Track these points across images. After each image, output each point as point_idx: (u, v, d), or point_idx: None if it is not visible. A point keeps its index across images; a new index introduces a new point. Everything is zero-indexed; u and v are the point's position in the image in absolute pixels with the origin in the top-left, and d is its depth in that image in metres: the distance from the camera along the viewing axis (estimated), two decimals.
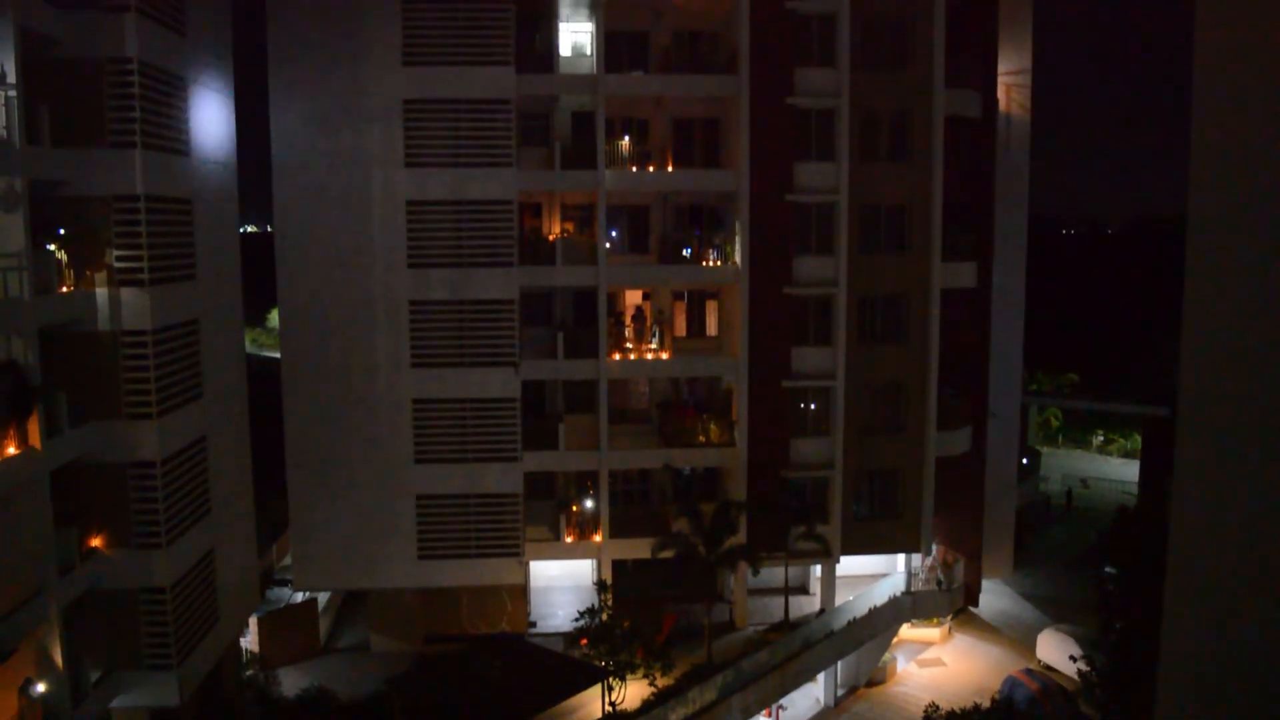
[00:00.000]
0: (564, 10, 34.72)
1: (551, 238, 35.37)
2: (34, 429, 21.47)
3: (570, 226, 36.73)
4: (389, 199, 32.69)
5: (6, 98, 20.88)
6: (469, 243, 32.99)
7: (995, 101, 37.60)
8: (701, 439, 35.19)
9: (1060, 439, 69.26)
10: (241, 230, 33.26)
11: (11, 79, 21.02)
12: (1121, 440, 67.95)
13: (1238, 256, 10.43)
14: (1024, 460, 48.84)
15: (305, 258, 32.80)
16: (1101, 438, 69.17)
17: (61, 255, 23.44)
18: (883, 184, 34.52)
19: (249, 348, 43.56)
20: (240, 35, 32.01)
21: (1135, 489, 53.55)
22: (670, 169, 35.27)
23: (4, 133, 20.83)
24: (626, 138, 35.51)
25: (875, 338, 35.27)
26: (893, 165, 34.63)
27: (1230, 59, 10.45)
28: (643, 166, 34.98)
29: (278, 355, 35.07)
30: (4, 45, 21.03)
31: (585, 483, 35.93)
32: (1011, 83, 39.50)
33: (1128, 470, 60.08)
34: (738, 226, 34.41)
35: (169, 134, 26.02)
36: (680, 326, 37.58)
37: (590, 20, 34.62)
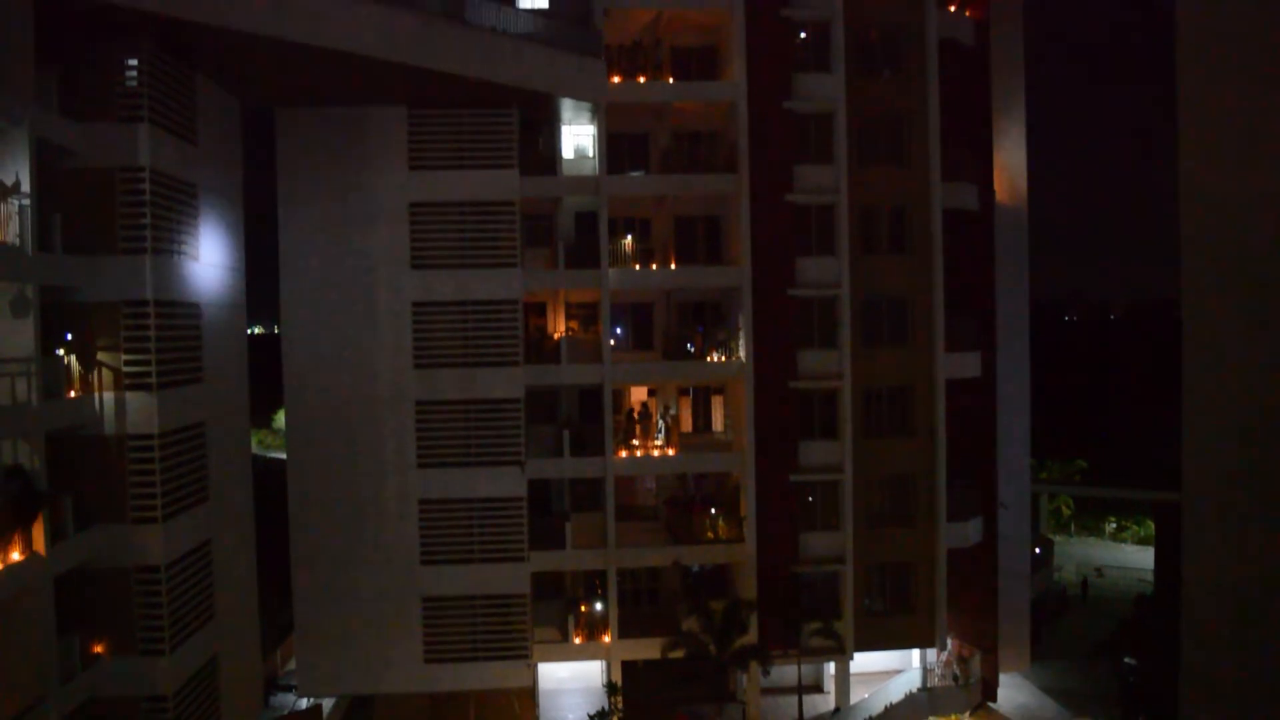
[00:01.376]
0: (566, 114, 35.46)
1: (556, 336, 35.63)
2: (39, 534, 21.38)
3: (575, 325, 37.00)
4: (395, 300, 33.03)
5: (20, 206, 21.27)
6: (475, 343, 33.21)
7: (992, 193, 38.15)
8: (710, 535, 34.92)
9: (1072, 527, 68.56)
10: (249, 331, 33.54)
11: (26, 188, 21.44)
12: (1135, 527, 67.22)
13: (1231, 343, 10.51)
14: (1037, 550, 48.27)
15: (312, 359, 33.01)
16: (1114, 525, 68.45)
17: (70, 359, 23.62)
18: (884, 277, 34.90)
19: (255, 449, 43.50)
20: (250, 141, 32.74)
21: (1151, 576, 52.81)
22: (673, 266, 35.68)
23: (17, 240, 21.17)
24: (629, 236, 35.99)
25: (882, 430, 35.25)
26: (893, 258, 35.04)
27: (1213, 150, 10.67)
28: (645, 264, 35.39)
29: (284, 456, 35.05)
30: (19, 156, 21.53)
31: (593, 581, 35.57)
32: (1007, 174, 40.07)
33: (1143, 557, 59.31)
34: (741, 322, 34.68)
35: (179, 240, 26.45)
36: (686, 422, 37.61)
37: (592, 123, 35.36)
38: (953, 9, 36.06)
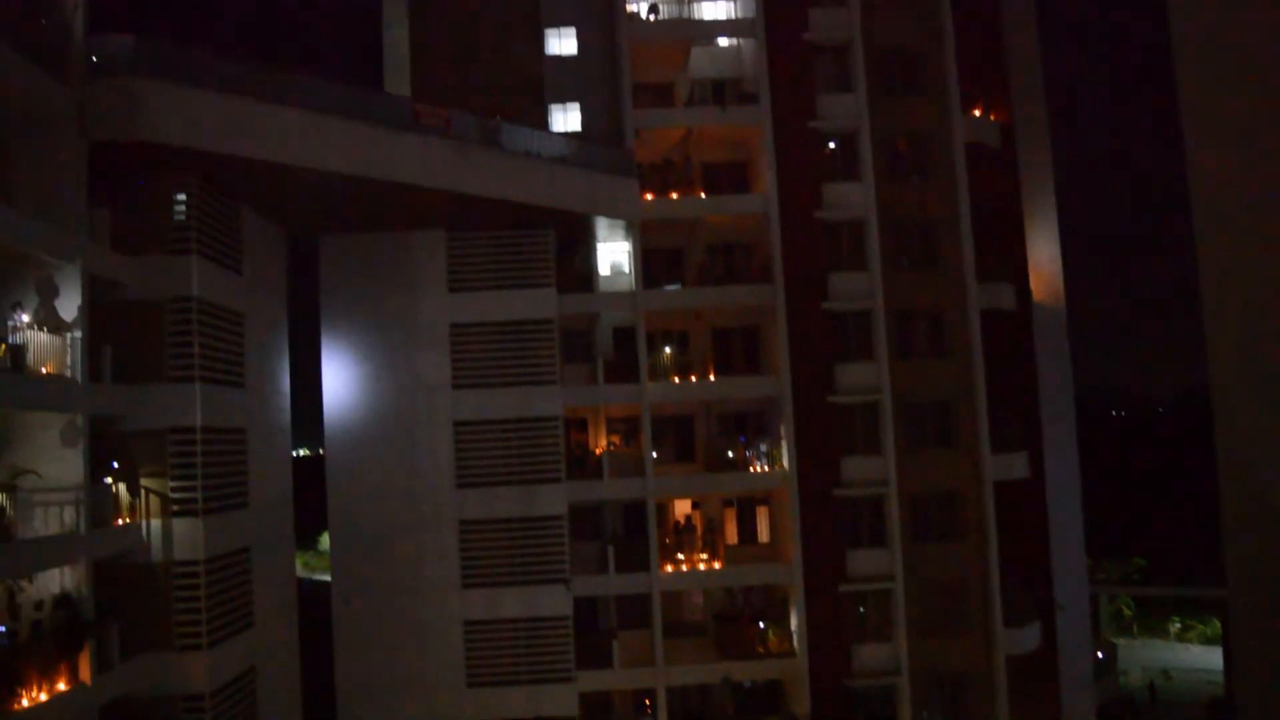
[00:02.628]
0: (601, 233, 36.12)
1: (598, 451, 35.64)
2: (85, 663, 21.35)
3: (616, 439, 37.01)
4: (437, 420, 33.27)
5: (72, 339, 21.85)
6: (517, 461, 33.27)
7: (1029, 292, 38.13)
8: (760, 649, 34.25)
9: (1135, 629, 66.36)
10: (293, 454, 33.87)
11: (78, 322, 22.04)
12: (1201, 626, 64.84)
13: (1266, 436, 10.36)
14: (1099, 654, 46.74)
15: (355, 480, 33.18)
16: (1179, 625, 66.17)
17: (118, 487, 23.92)
18: (925, 380, 34.75)
19: (300, 571, 43.48)
20: (294, 266, 33.61)
21: (1222, 677, 50.82)
22: (712, 378, 35.77)
23: (69, 372, 21.69)
24: (668, 349, 36.24)
25: (931, 536, 34.63)
26: (933, 361, 34.93)
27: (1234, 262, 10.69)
28: (684, 377, 35.50)
29: (328, 579, 34.97)
30: (73, 291, 22.20)
31: (642, 700, 34.81)
32: (1043, 271, 40.06)
33: (1211, 658, 57.03)
34: (783, 431, 34.56)
35: (225, 368, 26.97)
36: (731, 534, 37.20)
37: (627, 240, 35.95)
38: (977, 113, 36.61)
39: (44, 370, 21.24)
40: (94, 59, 22.94)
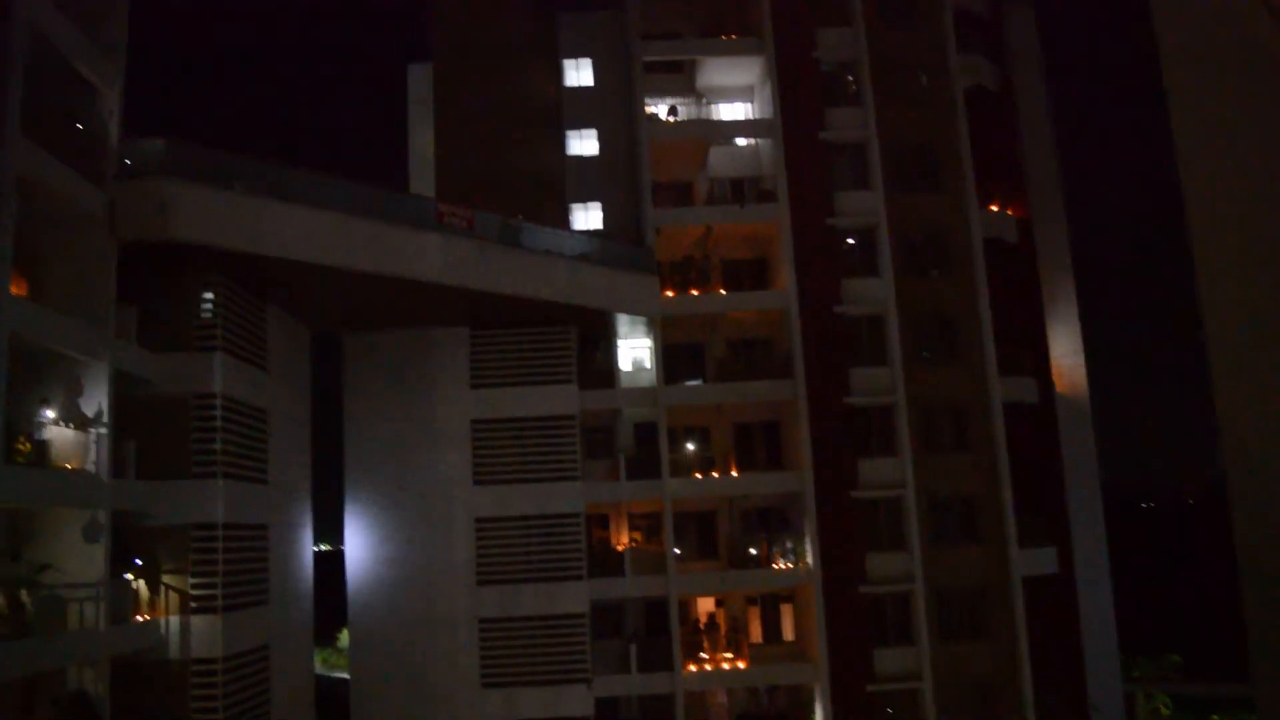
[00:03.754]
0: (623, 329, 36.38)
1: (620, 548, 35.35)
2: None
3: (638, 535, 36.69)
4: (458, 517, 33.18)
5: (97, 435, 22.07)
6: (538, 558, 33.04)
7: (1051, 385, 37.93)
8: None
9: None
10: (314, 548, 33.79)
11: (104, 418, 22.30)
12: None
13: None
14: None
15: (375, 576, 32.99)
16: None
17: (138, 583, 23.89)
18: (949, 475, 34.45)
19: (318, 668, 42.96)
20: (317, 363, 33.92)
21: None
22: (734, 473, 35.59)
23: (93, 467, 21.85)
24: (689, 445, 36.16)
25: (959, 634, 33.94)
26: (957, 456, 34.67)
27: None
28: (706, 473, 35.36)
29: (347, 676, 34.54)
30: (99, 387, 22.52)
31: None
32: (1065, 365, 39.93)
33: None
34: (806, 527, 34.24)
35: (249, 464, 27.11)
36: (756, 632, 36.59)
37: (648, 336, 36.18)
38: (995, 208, 36.98)
39: (68, 465, 21.43)
40: (126, 161, 23.63)
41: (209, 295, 25.99)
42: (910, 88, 36.82)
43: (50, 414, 21.48)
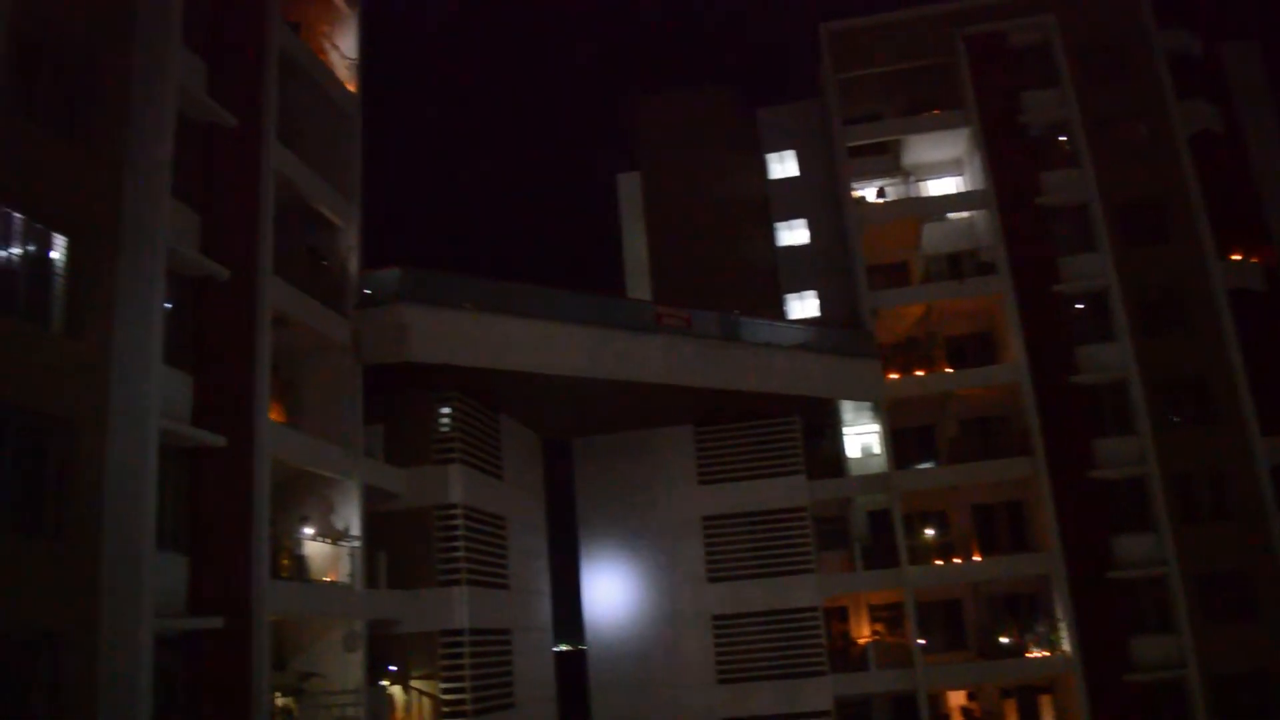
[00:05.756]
0: (848, 416, 35.89)
1: (862, 641, 34.30)
2: None
3: (880, 627, 35.49)
4: (695, 614, 33.19)
5: (351, 549, 23.42)
6: (779, 654, 32.49)
7: None
8: None
9: None
10: (555, 649, 34.42)
11: (356, 531, 23.67)
12: None
13: None
14: None
15: (617, 676, 33.29)
16: None
17: (393, 690, 24.92)
18: (1214, 548, 31.65)
19: None
20: (549, 469, 35.05)
21: None
22: (976, 558, 34.08)
23: (348, 579, 23.15)
24: (927, 530, 34.94)
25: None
26: (1221, 526, 31.92)
27: None
28: (947, 559, 34.03)
29: None
30: (351, 503, 23.98)
31: None
32: None
33: None
34: (1060, 611, 32.23)
35: (490, 570, 28.08)
36: None
37: (875, 421, 35.50)
38: (1237, 256, 34.52)
39: (326, 578, 22.80)
40: (365, 291, 25.43)
41: (446, 410, 27.40)
42: (1129, 141, 35.27)
43: (308, 530, 23.00)
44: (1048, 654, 32.53)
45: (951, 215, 37.57)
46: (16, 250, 15.76)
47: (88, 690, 15.72)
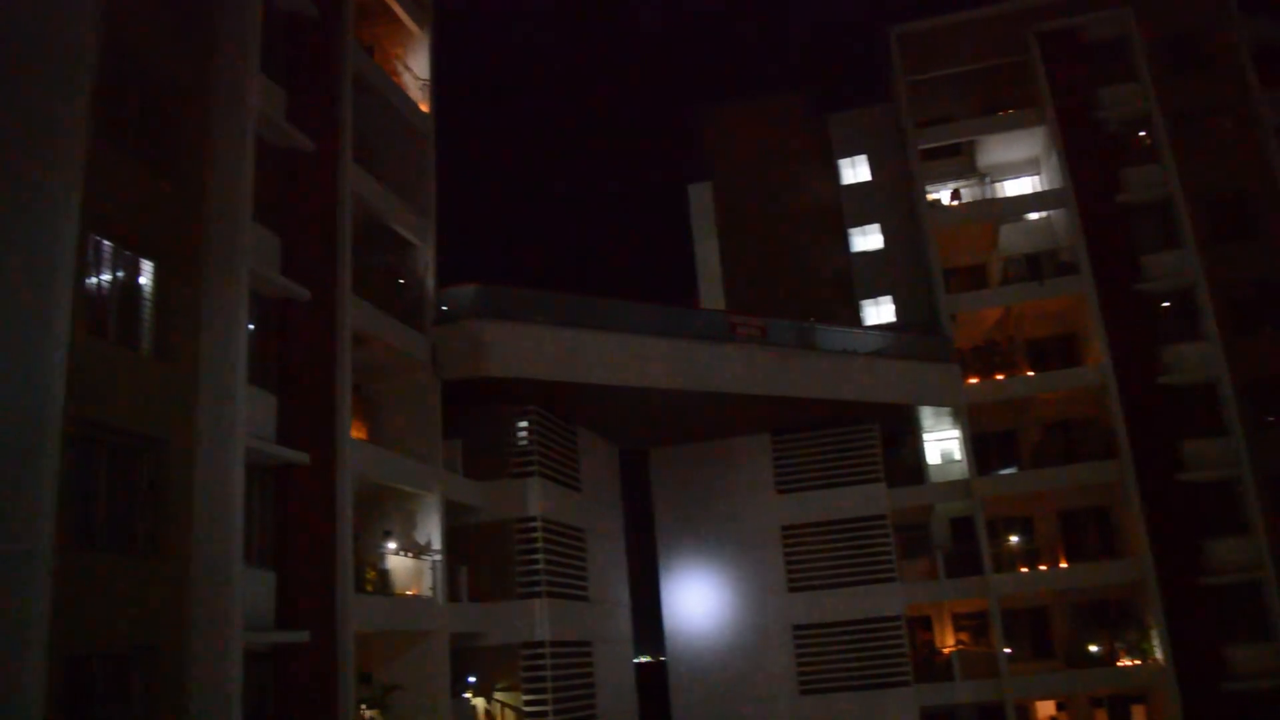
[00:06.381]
0: (927, 422, 35.44)
1: (946, 651, 33.76)
2: None
3: (965, 636, 34.91)
4: (775, 624, 33.02)
5: (432, 562, 23.73)
6: (859, 664, 32.15)
7: None
8: None
9: None
10: (635, 660, 34.49)
11: (437, 545, 23.98)
12: None
13: None
14: None
15: (698, 687, 33.25)
16: None
17: (476, 701, 25.17)
18: None
19: None
20: (626, 480, 35.09)
21: None
22: (1063, 565, 33.37)
23: (430, 592, 23.45)
24: (1011, 537, 34.29)
25: None
26: None
27: None
28: (1032, 566, 33.37)
29: None
30: (432, 518, 24.32)
31: None
32: None
33: None
34: (1151, 619, 31.40)
35: (570, 582, 28.26)
36: None
37: (955, 427, 34.99)
38: None
39: (409, 592, 23.12)
40: (443, 307, 25.79)
41: (524, 424, 27.67)
42: (1212, 134, 34.36)
43: (391, 545, 23.37)
44: (1139, 663, 31.72)
45: (1030, 215, 36.92)
46: (107, 277, 16.27)
47: (181, 702, 16.12)
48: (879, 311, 38.10)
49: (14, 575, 13.50)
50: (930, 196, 36.84)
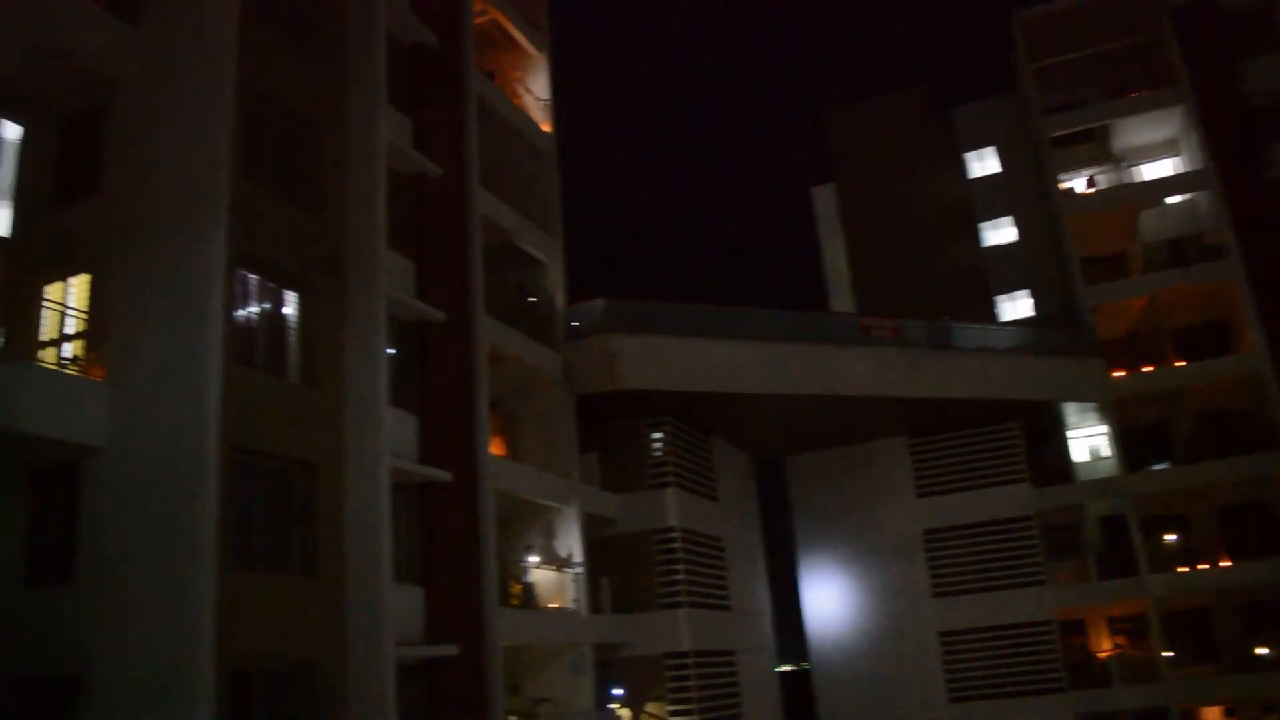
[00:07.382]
0: (1071, 418, 34.30)
1: (1102, 655, 32.53)
2: None
3: (1122, 640, 33.56)
4: (920, 631, 32.38)
5: (574, 575, 24.01)
6: (1011, 670, 31.25)
7: None
8: None
9: None
10: (778, 669, 34.27)
11: (578, 558, 24.27)
12: None
13: None
14: None
15: (843, 694, 32.86)
16: None
17: (622, 712, 25.32)
18: None
19: None
20: (762, 488, 34.99)
21: None
22: (1225, 564, 31.79)
23: (573, 604, 23.73)
24: (1166, 536, 32.86)
25: None
26: None
27: None
28: (1192, 565, 31.88)
29: None
30: (572, 530, 24.62)
31: None
32: None
33: None
34: None
35: (710, 591, 28.23)
36: None
37: (1102, 422, 33.79)
38: None
39: (552, 605, 23.44)
40: (573, 323, 26.12)
41: (658, 435, 27.82)
42: None
43: (533, 558, 23.74)
44: None
45: (1170, 199, 35.42)
46: (254, 309, 17.00)
47: (340, 716, 16.65)
48: (1015, 307, 37.06)
49: (182, 596, 14.18)
50: (1064, 185, 35.66)
